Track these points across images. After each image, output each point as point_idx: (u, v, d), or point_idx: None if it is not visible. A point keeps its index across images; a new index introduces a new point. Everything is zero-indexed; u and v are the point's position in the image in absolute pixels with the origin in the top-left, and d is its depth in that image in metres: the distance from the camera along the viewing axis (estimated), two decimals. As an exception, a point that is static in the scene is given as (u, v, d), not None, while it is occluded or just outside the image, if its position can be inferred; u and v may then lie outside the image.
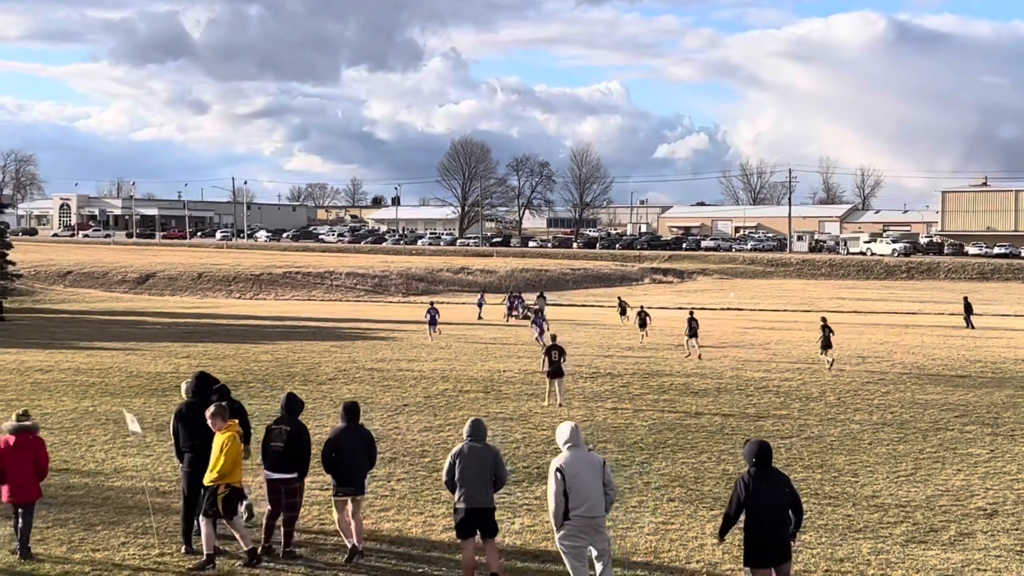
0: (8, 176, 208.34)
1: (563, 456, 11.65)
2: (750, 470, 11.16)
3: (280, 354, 37.67)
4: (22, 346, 40.32)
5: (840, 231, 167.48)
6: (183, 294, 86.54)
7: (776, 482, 11.19)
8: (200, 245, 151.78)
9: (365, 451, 13.57)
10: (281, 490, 13.47)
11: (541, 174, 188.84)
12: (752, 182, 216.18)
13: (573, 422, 12.13)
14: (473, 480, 12.18)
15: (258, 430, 14.64)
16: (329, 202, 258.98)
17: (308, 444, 13.70)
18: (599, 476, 11.55)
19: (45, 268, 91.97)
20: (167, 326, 50.85)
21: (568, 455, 11.62)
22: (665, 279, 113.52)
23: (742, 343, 44.33)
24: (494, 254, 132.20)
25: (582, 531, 11.44)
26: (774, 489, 11.11)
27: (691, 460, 19.51)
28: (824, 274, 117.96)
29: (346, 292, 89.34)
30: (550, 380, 26.63)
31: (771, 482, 11.14)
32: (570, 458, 11.58)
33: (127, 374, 31.35)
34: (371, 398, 26.82)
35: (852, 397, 27.91)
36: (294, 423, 13.63)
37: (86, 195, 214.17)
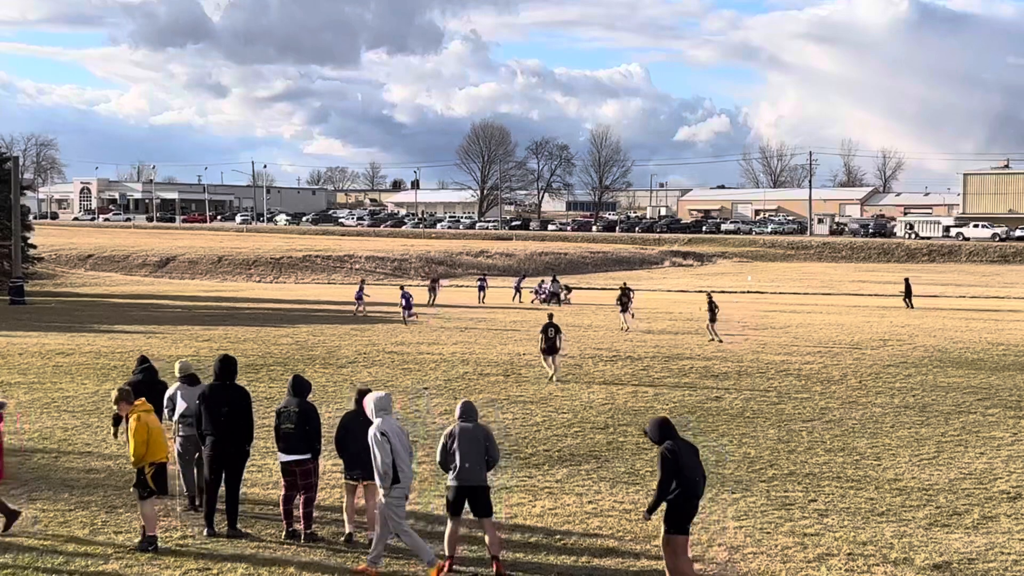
0: (29, 160, 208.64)
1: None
2: (668, 444, 11.66)
3: (300, 337, 37.73)
4: (44, 329, 40.48)
5: (861, 213, 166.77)
6: (203, 278, 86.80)
7: (693, 450, 11.92)
8: (220, 229, 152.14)
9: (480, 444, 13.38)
10: (296, 472, 13.49)
11: (560, 157, 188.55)
12: (772, 165, 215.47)
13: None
14: (465, 458, 12.47)
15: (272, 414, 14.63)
16: (349, 186, 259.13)
17: (318, 424, 13.70)
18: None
19: (66, 252, 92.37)
20: (187, 310, 50.99)
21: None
22: (685, 262, 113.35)
23: (763, 326, 44.19)
24: (513, 238, 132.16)
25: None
26: (694, 457, 11.81)
27: (712, 443, 19.46)
28: (844, 257, 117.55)
29: (366, 276, 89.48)
30: (545, 357, 28.12)
31: (690, 451, 11.82)
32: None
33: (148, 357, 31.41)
34: (391, 381, 26.84)
35: (874, 380, 27.80)
36: (303, 404, 13.63)
37: (106, 179, 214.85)
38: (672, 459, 11.51)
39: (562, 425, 21.14)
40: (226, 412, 13.58)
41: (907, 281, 61.06)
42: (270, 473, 16.62)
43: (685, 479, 11.50)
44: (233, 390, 13.85)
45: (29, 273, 65.13)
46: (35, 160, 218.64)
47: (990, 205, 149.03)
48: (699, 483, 11.72)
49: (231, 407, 13.62)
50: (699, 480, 11.73)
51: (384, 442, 12.09)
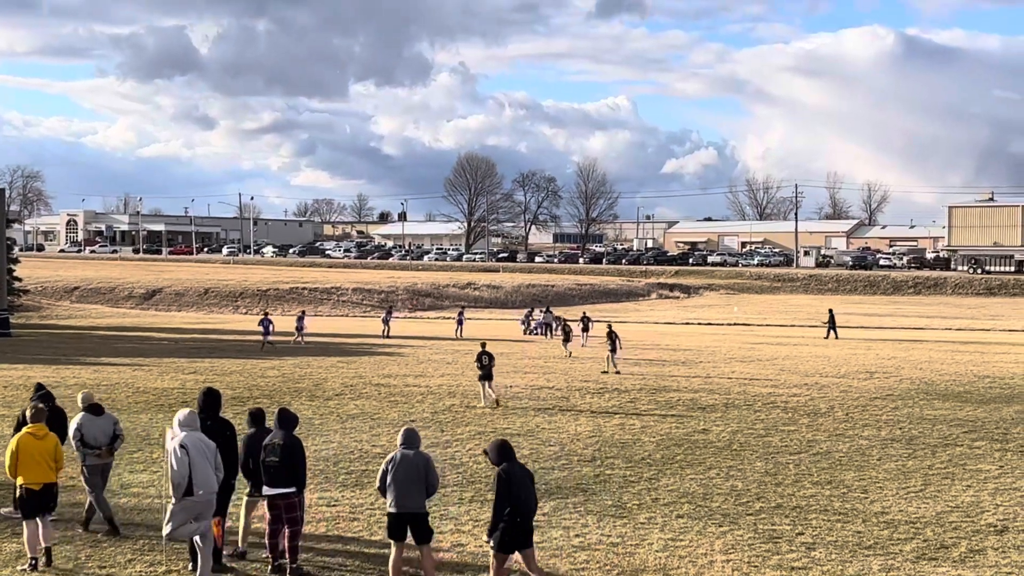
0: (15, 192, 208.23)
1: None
2: (504, 465, 12.26)
3: (287, 370, 37.63)
4: (29, 362, 40.30)
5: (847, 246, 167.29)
6: (189, 310, 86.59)
7: (526, 473, 12.50)
8: (206, 261, 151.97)
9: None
10: (280, 505, 13.41)
11: (547, 189, 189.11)
12: (758, 197, 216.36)
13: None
14: (403, 485, 12.65)
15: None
16: (335, 218, 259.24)
17: (303, 457, 13.64)
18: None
19: (52, 284, 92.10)
20: (173, 342, 50.82)
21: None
22: (671, 294, 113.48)
23: (749, 358, 44.22)
24: (500, 269, 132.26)
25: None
26: (525, 479, 12.36)
27: (699, 476, 19.43)
28: (831, 289, 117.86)
29: (352, 308, 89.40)
30: (481, 383, 29.07)
31: (522, 473, 12.39)
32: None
33: (133, 390, 31.33)
34: (378, 414, 26.77)
35: (860, 413, 27.82)
36: (287, 437, 13.57)
37: (93, 211, 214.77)
38: (505, 480, 12.10)
39: (549, 458, 21.09)
40: None
41: (831, 312, 62.20)
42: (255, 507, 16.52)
43: (517, 501, 12.10)
44: (218, 423, 13.77)
45: (15, 305, 64.90)
46: (21, 192, 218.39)
47: (975, 238, 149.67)
48: (530, 507, 12.32)
49: (216, 440, 13.51)
50: (531, 504, 12.35)
51: (183, 456, 12.59)
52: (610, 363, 37.99)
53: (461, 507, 16.92)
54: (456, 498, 17.51)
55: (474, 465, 20.19)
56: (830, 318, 60.79)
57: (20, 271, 70.29)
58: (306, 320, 53.28)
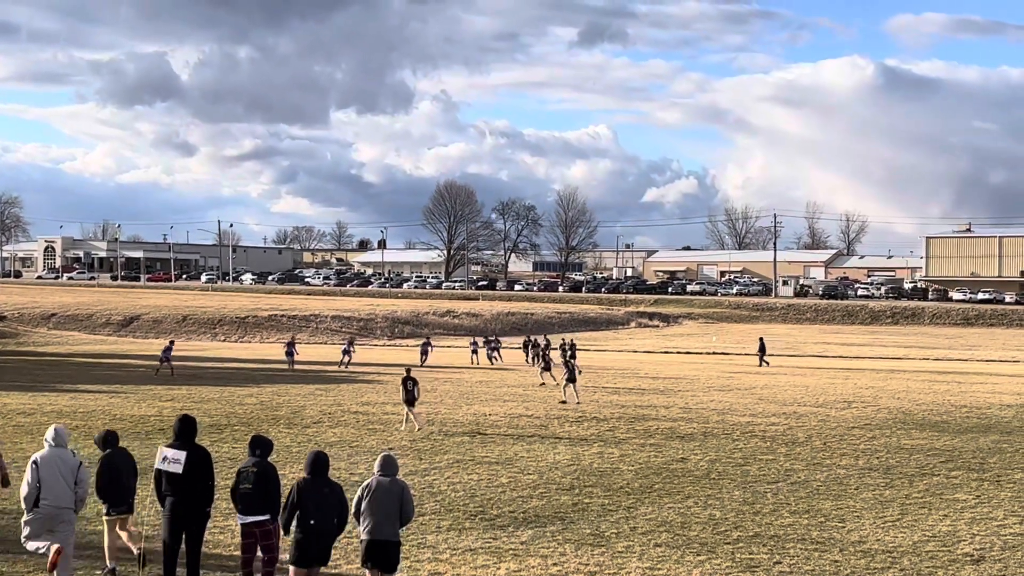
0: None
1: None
2: (304, 477, 12.64)
3: (265, 397, 37.52)
4: (5, 388, 40.06)
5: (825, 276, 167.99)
6: (167, 336, 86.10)
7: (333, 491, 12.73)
8: (185, 288, 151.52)
9: (132, 472, 14.64)
10: (256, 533, 13.30)
11: (527, 217, 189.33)
12: (738, 227, 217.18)
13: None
14: (378, 513, 12.59)
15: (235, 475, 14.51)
16: (315, 245, 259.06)
17: (277, 484, 13.55)
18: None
19: (29, 310, 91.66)
20: (152, 369, 50.58)
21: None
22: (651, 323, 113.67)
23: (728, 387, 44.31)
24: (480, 297, 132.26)
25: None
26: (323, 496, 12.58)
27: (677, 505, 19.44)
28: (809, 319, 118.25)
29: (332, 335, 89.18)
30: (406, 407, 29.62)
31: (320, 489, 12.62)
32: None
33: (111, 417, 31.17)
34: (356, 442, 26.71)
35: (838, 442, 27.89)
36: (261, 463, 13.50)
37: (71, 237, 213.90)
38: (293, 492, 12.57)
39: (527, 486, 21.07)
40: (185, 472, 13.39)
41: (761, 340, 63.71)
42: (232, 534, 16.46)
43: (301, 515, 12.47)
44: (193, 450, 13.70)
45: (-9, 331, 64.56)
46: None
47: (953, 268, 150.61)
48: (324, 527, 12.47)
49: (191, 467, 13.44)
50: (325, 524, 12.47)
51: (34, 470, 13.16)
52: (566, 392, 37.37)
53: (439, 535, 16.88)
54: (434, 526, 17.48)
55: (452, 493, 20.16)
56: (760, 346, 62.07)
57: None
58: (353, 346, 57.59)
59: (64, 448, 13.54)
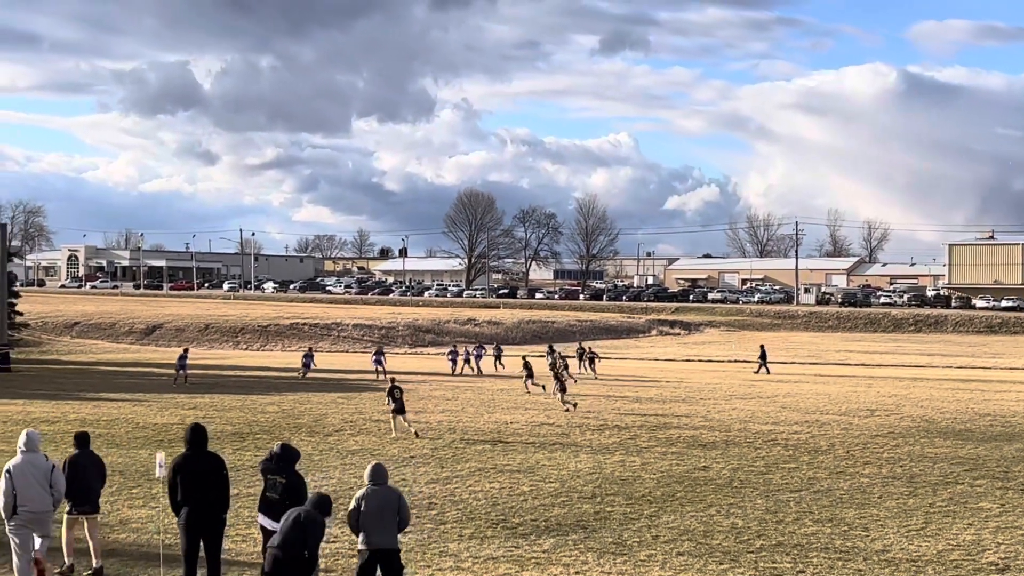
0: (17, 227, 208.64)
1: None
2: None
3: (287, 405, 37.60)
4: (28, 397, 40.28)
5: (847, 284, 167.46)
6: (190, 345, 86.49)
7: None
8: (207, 296, 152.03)
9: (98, 474, 14.96)
10: None
11: (547, 226, 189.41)
12: (759, 234, 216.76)
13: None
14: (376, 521, 12.62)
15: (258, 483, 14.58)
16: (336, 253, 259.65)
17: (304, 496, 13.59)
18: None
19: (52, 319, 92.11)
20: (174, 377, 50.74)
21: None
22: (672, 331, 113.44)
23: (750, 395, 44.18)
24: (501, 306, 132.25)
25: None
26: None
27: (700, 513, 19.39)
28: (831, 327, 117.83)
29: (353, 343, 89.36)
30: (394, 417, 29.95)
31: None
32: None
33: (133, 425, 31.29)
34: (378, 450, 26.73)
35: (861, 450, 27.77)
36: (290, 474, 13.56)
37: (94, 246, 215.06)
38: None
39: (549, 495, 21.04)
40: (200, 481, 13.49)
41: (762, 347, 64.62)
42: (255, 543, 16.49)
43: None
44: (206, 458, 13.77)
45: (15, 340, 64.90)
46: (23, 227, 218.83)
47: (976, 276, 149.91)
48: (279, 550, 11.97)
49: (205, 475, 13.53)
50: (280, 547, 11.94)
51: (7, 480, 13.40)
52: (561, 400, 37.56)
53: (461, 543, 16.87)
54: (456, 534, 17.47)
55: (474, 502, 20.15)
56: (761, 353, 62.59)
57: (21, 306, 70.36)
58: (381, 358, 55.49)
59: (36, 453, 13.73)
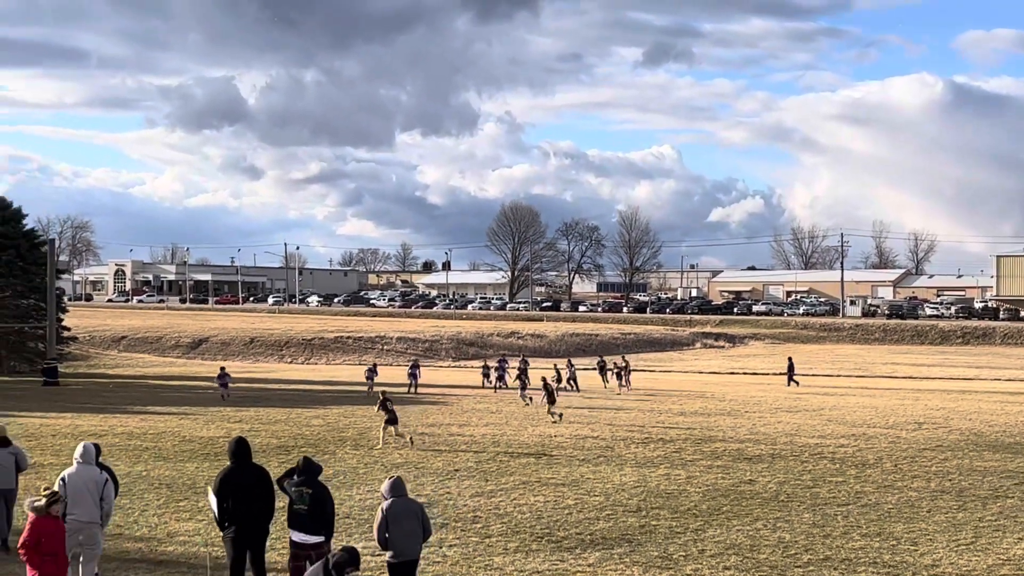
0: (65, 242, 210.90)
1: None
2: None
3: (331, 419, 37.72)
4: (76, 410, 40.64)
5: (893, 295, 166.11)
6: (235, 359, 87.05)
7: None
8: (252, 310, 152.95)
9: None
10: (312, 555, 13.46)
11: (590, 238, 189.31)
12: (804, 246, 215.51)
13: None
14: (406, 533, 12.91)
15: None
16: (380, 267, 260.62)
17: (332, 505, 13.81)
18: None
19: (100, 333, 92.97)
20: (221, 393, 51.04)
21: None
22: (716, 344, 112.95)
23: (796, 408, 43.88)
24: (544, 319, 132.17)
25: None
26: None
27: (746, 528, 19.26)
28: (878, 339, 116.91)
29: (397, 356, 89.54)
30: (385, 427, 30.46)
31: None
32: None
33: (180, 439, 31.50)
34: (422, 463, 26.75)
35: (909, 464, 27.51)
36: (315, 484, 13.72)
37: (140, 261, 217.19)
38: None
39: (594, 508, 20.98)
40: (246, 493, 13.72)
41: (790, 360, 64.65)
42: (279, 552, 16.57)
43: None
44: (251, 470, 14.00)
45: (63, 354, 65.57)
46: (71, 242, 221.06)
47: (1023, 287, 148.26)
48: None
49: (250, 488, 13.78)
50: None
51: (61, 487, 13.66)
52: (549, 412, 37.94)
53: (506, 557, 16.85)
54: (501, 548, 17.45)
55: (519, 515, 20.12)
56: (789, 366, 62.52)
57: (69, 320, 71.05)
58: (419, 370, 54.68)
59: (91, 465, 14.00)
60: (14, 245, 65.20)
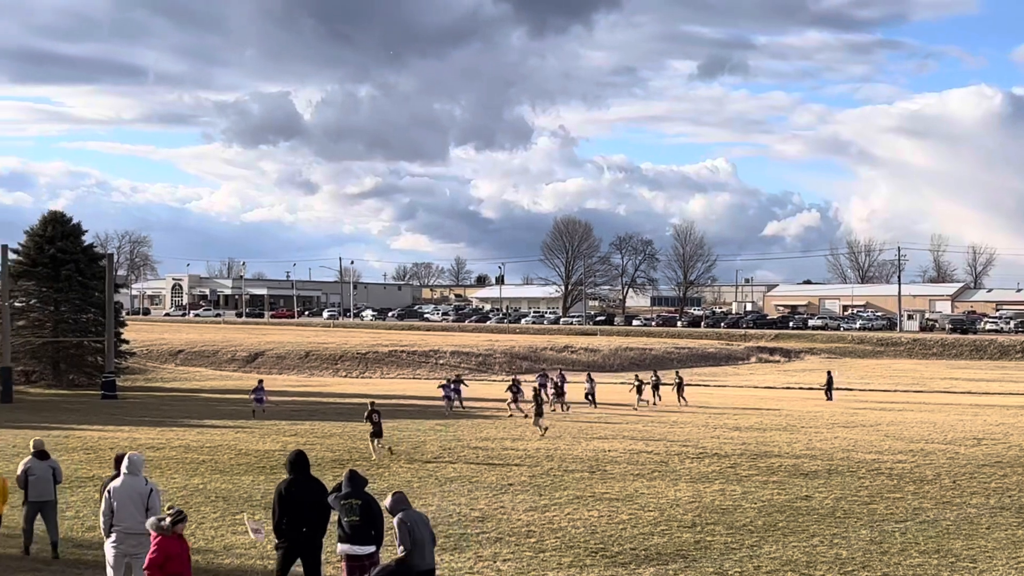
0: (123, 257, 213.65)
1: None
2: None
3: (385, 432, 37.79)
4: (135, 424, 41.08)
5: (951, 310, 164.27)
6: (291, 373, 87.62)
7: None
8: (307, 324, 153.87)
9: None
10: (367, 566, 13.62)
11: (644, 252, 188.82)
12: (860, 260, 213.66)
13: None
14: (426, 542, 13.24)
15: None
16: (434, 281, 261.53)
17: (381, 516, 13.96)
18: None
19: (157, 347, 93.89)
20: (275, 404, 51.39)
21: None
22: (772, 358, 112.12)
23: (852, 424, 43.48)
24: (598, 333, 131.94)
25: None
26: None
27: (802, 544, 19.11)
28: (936, 354, 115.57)
29: (451, 371, 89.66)
30: (372, 439, 31.36)
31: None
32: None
33: (236, 452, 31.74)
34: (476, 477, 26.77)
35: (968, 480, 27.17)
36: (364, 495, 13.90)
37: (197, 275, 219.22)
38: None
39: (648, 523, 20.90)
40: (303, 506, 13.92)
41: (829, 374, 65.10)
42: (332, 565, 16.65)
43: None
44: (311, 483, 14.20)
45: (121, 368, 66.28)
46: (129, 257, 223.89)
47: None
48: None
49: (308, 502, 13.97)
50: None
51: (107, 498, 14.00)
52: (539, 423, 38.06)
53: (560, 572, 16.82)
54: (555, 563, 17.43)
55: (573, 530, 20.08)
56: (828, 380, 62.91)
57: (127, 334, 71.82)
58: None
59: (137, 476, 14.22)
60: (73, 260, 66.10)
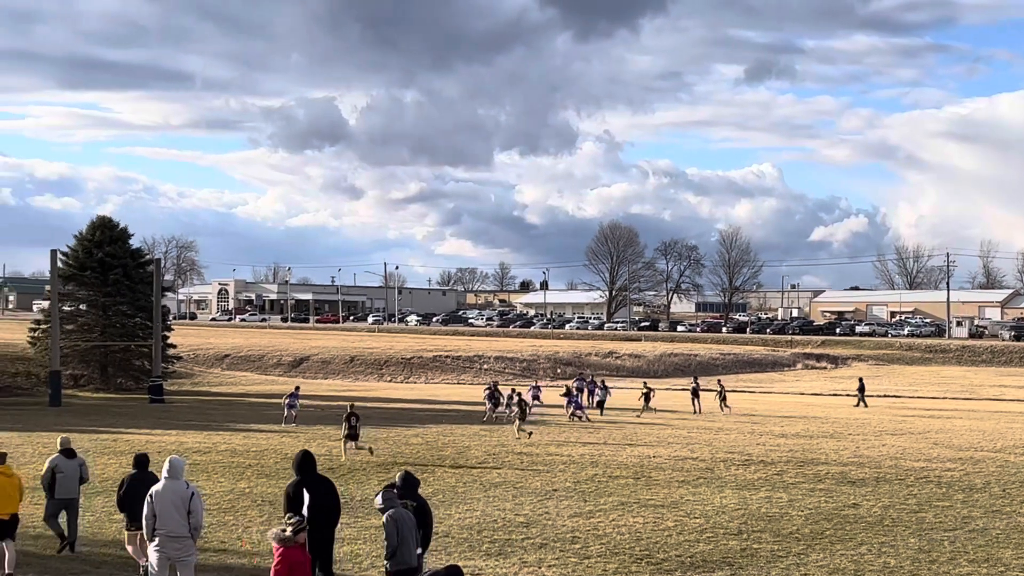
0: (170, 262, 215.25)
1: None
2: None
3: (430, 437, 37.89)
4: (181, 427, 41.36)
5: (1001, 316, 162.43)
6: (336, 377, 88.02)
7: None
8: (352, 329, 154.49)
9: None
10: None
11: (689, 258, 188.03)
12: (908, 266, 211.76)
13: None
14: (410, 541, 13.18)
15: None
16: (478, 286, 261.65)
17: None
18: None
19: (203, 351, 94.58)
20: (320, 409, 51.60)
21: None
22: (818, 365, 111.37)
23: (900, 431, 43.08)
24: (642, 338, 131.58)
25: None
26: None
27: (850, 552, 18.93)
28: (985, 361, 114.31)
29: (495, 376, 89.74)
30: (346, 442, 31.48)
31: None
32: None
33: (281, 456, 31.85)
34: (520, 483, 26.73)
35: (1018, 489, 26.82)
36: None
37: (243, 280, 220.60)
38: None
39: (694, 530, 20.78)
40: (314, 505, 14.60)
41: (861, 380, 66.41)
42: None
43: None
44: (319, 482, 15.06)
45: (168, 372, 66.82)
46: (175, 262, 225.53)
47: None
48: None
49: (324, 497, 14.77)
50: None
51: (149, 503, 14.14)
52: (520, 429, 38.52)
53: (605, 579, 16.75)
54: (600, 569, 17.35)
55: (618, 536, 20.00)
56: (860, 387, 63.85)
57: (173, 339, 72.36)
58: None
59: (178, 480, 14.39)
60: (121, 264, 66.75)
